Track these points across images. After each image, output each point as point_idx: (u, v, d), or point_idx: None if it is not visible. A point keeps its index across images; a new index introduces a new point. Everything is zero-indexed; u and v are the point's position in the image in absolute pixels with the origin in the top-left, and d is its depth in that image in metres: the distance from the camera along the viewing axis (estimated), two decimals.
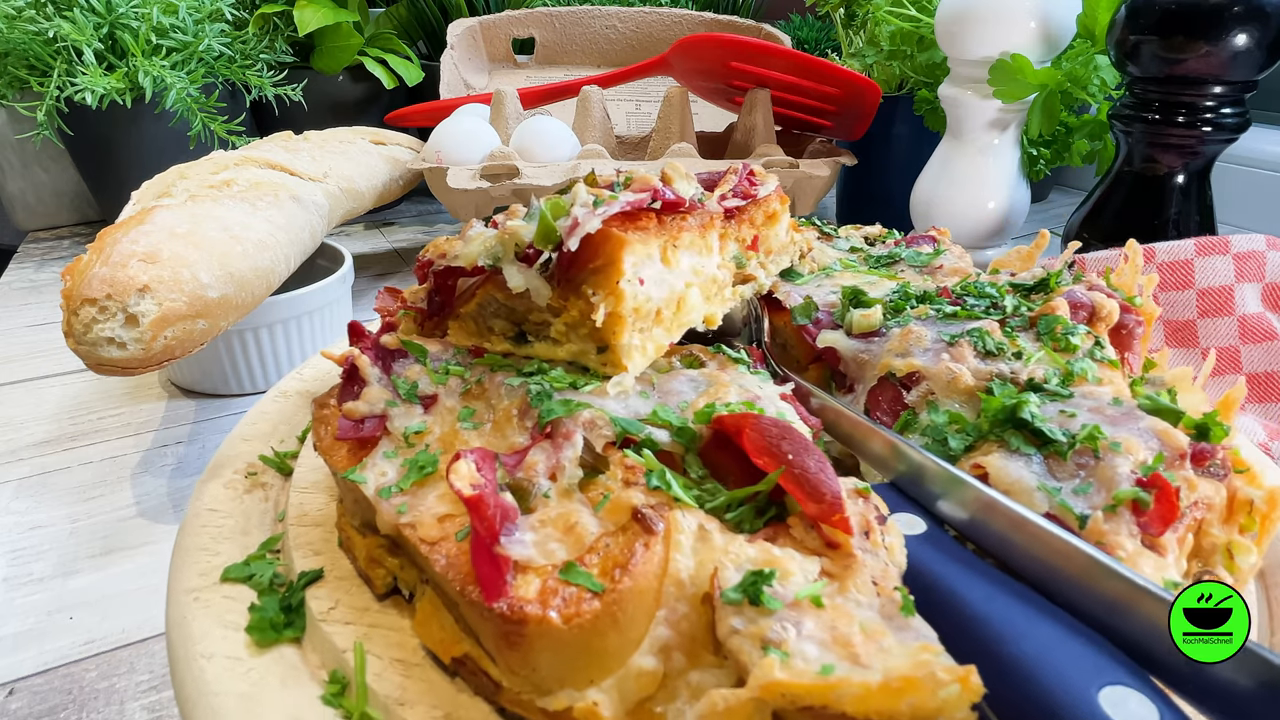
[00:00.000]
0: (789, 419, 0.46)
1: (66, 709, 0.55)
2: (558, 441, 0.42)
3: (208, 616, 0.45)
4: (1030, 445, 0.46)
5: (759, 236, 0.65)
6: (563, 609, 0.34)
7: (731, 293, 0.62)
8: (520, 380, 0.48)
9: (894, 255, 0.73)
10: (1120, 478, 0.42)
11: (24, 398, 0.94)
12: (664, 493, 0.40)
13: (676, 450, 0.44)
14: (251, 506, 0.55)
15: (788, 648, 0.33)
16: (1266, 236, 0.82)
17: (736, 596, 0.35)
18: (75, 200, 1.52)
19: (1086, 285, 0.59)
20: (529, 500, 0.40)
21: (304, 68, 1.51)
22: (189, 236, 0.75)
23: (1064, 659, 0.33)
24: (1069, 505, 0.42)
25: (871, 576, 0.37)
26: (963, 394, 0.51)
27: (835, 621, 0.35)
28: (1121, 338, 0.56)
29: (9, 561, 0.68)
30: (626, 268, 0.47)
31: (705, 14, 1.58)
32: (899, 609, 0.35)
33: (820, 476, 0.39)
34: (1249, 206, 1.36)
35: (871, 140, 1.28)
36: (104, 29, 1.19)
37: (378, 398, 0.49)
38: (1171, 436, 0.44)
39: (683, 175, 0.57)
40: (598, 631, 0.35)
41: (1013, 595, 0.37)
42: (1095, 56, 1.03)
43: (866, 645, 0.33)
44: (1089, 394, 0.49)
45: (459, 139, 1.17)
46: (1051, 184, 1.76)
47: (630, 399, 0.47)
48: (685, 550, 0.37)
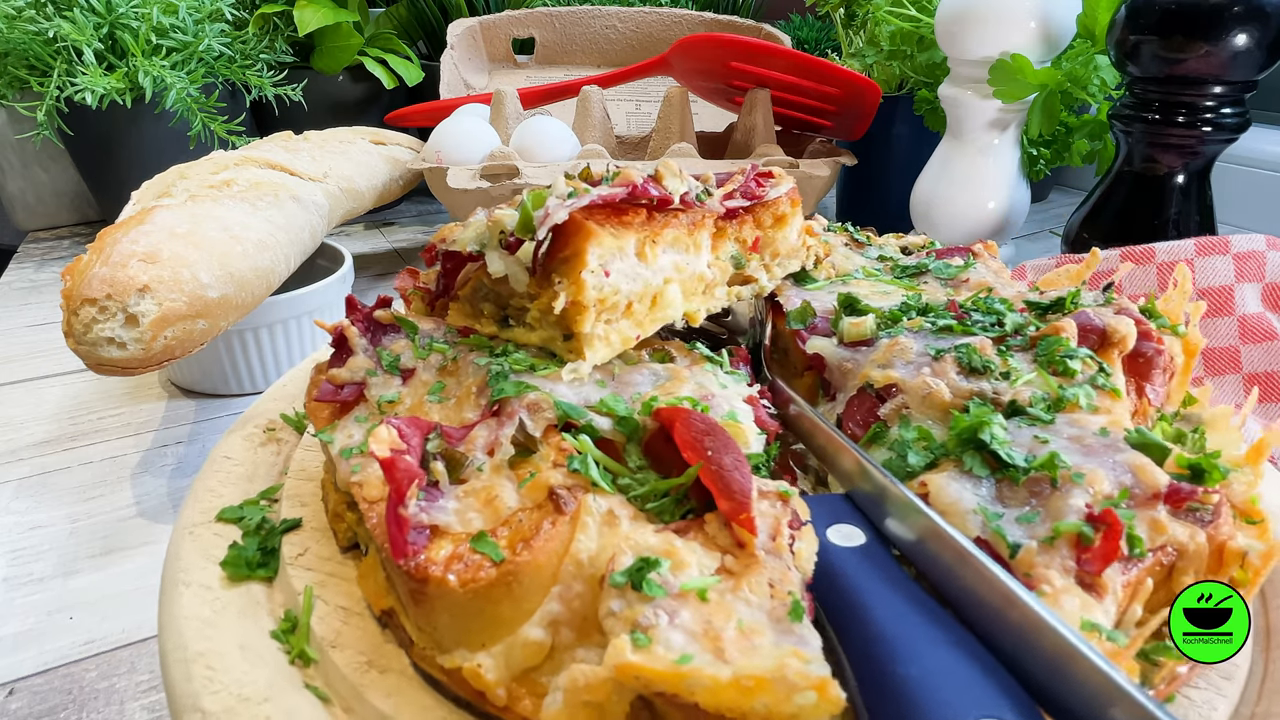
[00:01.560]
0: (740, 420, 0.47)
1: (66, 709, 0.55)
2: (501, 419, 0.45)
3: (195, 549, 0.49)
4: (985, 468, 0.44)
5: (762, 238, 0.65)
6: (461, 573, 0.37)
7: (727, 293, 0.62)
8: (487, 360, 0.51)
9: (921, 266, 0.70)
10: (1069, 510, 0.40)
11: (24, 398, 0.94)
12: (582, 476, 0.41)
13: (617, 439, 0.45)
14: (262, 458, 0.59)
15: (654, 634, 0.34)
16: (1266, 236, 0.82)
17: (621, 580, 0.36)
18: (75, 200, 1.52)
19: (1116, 308, 0.55)
20: (462, 471, 0.42)
21: (304, 68, 1.51)
22: (189, 236, 0.75)
23: (948, 686, 0.32)
24: (1003, 532, 0.40)
25: (770, 579, 0.37)
26: (938, 410, 0.49)
27: (712, 616, 0.35)
28: (1138, 366, 0.52)
29: (9, 561, 0.68)
30: (590, 259, 0.48)
31: (705, 14, 1.58)
32: (787, 613, 0.35)
33: (733, 474, 0.40)
34: (1249, 206, 1.36)
35: (871, 140, 1.28)
36: (104, 29, 1.19)
37: (359, 366, 0.52)
38: (1146, 473, 0.41)
39: (674, 173, 0.57)
40: (491, 599, 0.37)
41: (925, 617, 0.36)
42: (1095, 56, 1.03)
43: (738, 642, 0.34)
44: (1076, 421, 0.46)
45: (459, 139, 1.17)
46: (1051, 184, 1.76)
47: (585, 386, 0.49)
48: (590, 533, 0.39)
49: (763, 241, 0.65)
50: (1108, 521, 0.38)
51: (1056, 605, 0.36)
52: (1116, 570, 0.38)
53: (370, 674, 0.41)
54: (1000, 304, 0.58)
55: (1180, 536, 0.39)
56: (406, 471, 0.39)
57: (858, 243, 0.78)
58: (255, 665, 0.41)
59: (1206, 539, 0.40)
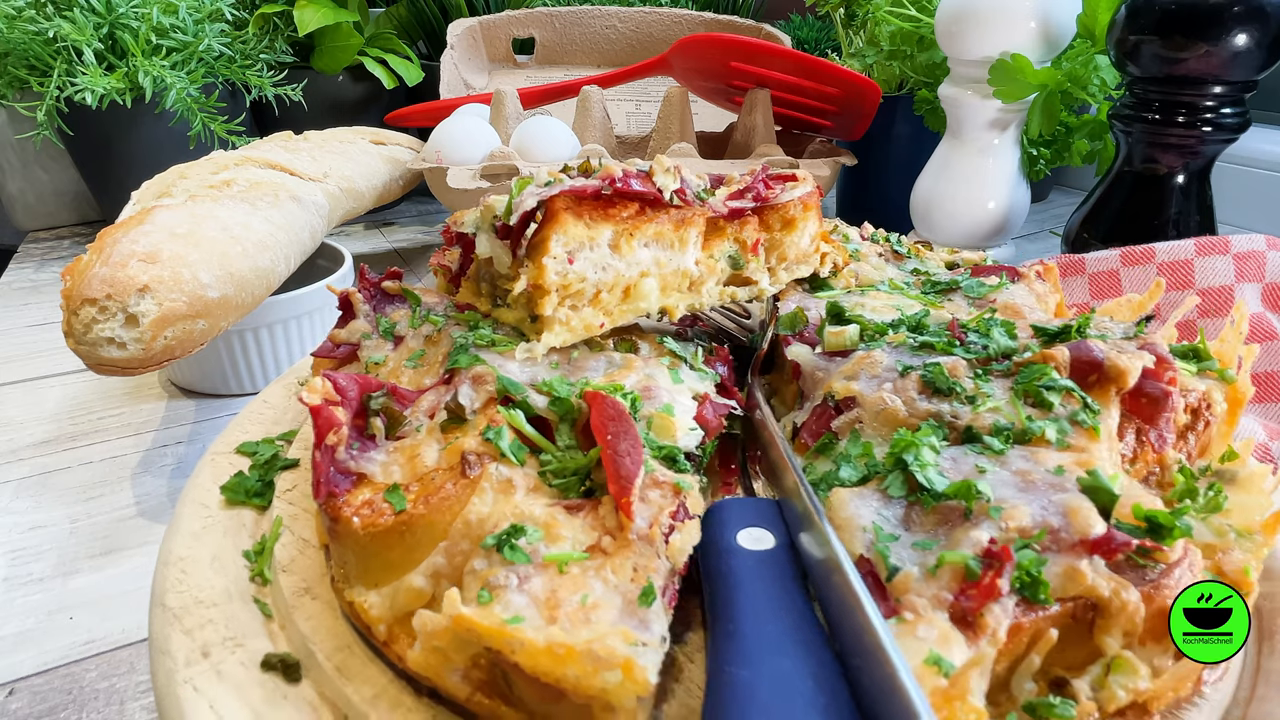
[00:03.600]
0: (675, 414, 0.49)
1: (66, 709, 0.55)
2: (450, 387, 0.48)
3: (210, 473, 0.56)
4: (904, 489, 0.43)
5: (769, 241, 0.64)
6: (365, 517, 0.41)
7: (720, 293, 0.62)
8: (460, 334, 0.54)
9: (953, 283, 0.67)
10: (969, 541, 0.38)
11: (24, 398, 0.94)
12: (493, 445, 0.44)
13: (551, 417, 0.47)
14: (292, 405, 0.66)
15: (499, 594, 0.36)
16: (1266, 236, 0.82)
17: (491, 543, 0.39)
18: (75, 200, 1.52)
19: (1140, 343, 0.51)
20: (400, 429, 0.47)
21: (304, 68, 1.51)
22: (189, 236, 0.75)
23: (769, 692, 0.33)
24: (886, 553, 0.39)
25: (636, 563, 0.38)
26: (891, 427, 0.48)
27: (561, 587, 0.37)
28: (1141, 406, 0.47)
29: (9, 561, 0.68)
30: (553, 245, 0.51)
31: (705, 14, 1.57)
32: (638, 596, 0.37)
33: (623, 460, 0.42)
34: (1249, 206, 1.36)
35: (871, 140, 1.28)
36: (104, 29, 1.19)
37: (357, 329, 0.58)
38: (1079, 517, 0.38)
39: (665, 169, 0.58)
40: (386, 544, 0.41)
41: (785, 625, 0.37)
42: (1095, 56, 1.03)
43: (575, 614, 0.36)
44: (1033, 455, 0.43)
45: (459, 139, 1.17)
46: (1051, 184, 1.76)
47: (538, 366, 0.52)
48: (486, 498, 0.41)
49: (769, 244, 0.65)
50: (998, 559, 0.36)
51: (910, 634, 0.35)
52: (1003, 612, 0.35)
53: (304, 599, 0.46)
54: (1000, 326, 0.55)
55: (1101, 590, 0.36)
56: (328, 420, 0.43)
57: (897, 254, 0.75)
58: (219, 575, 0.48)
59: (1141, 598, 0.36)
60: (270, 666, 0.42)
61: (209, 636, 0.44)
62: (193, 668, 0.42)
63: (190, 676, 0.41)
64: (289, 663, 0.42)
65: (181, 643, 0.43)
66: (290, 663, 0.42)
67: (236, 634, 0.44)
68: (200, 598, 0.46)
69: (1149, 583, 0.37)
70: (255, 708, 0.40)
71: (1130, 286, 0.85)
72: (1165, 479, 0.46)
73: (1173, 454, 0.47)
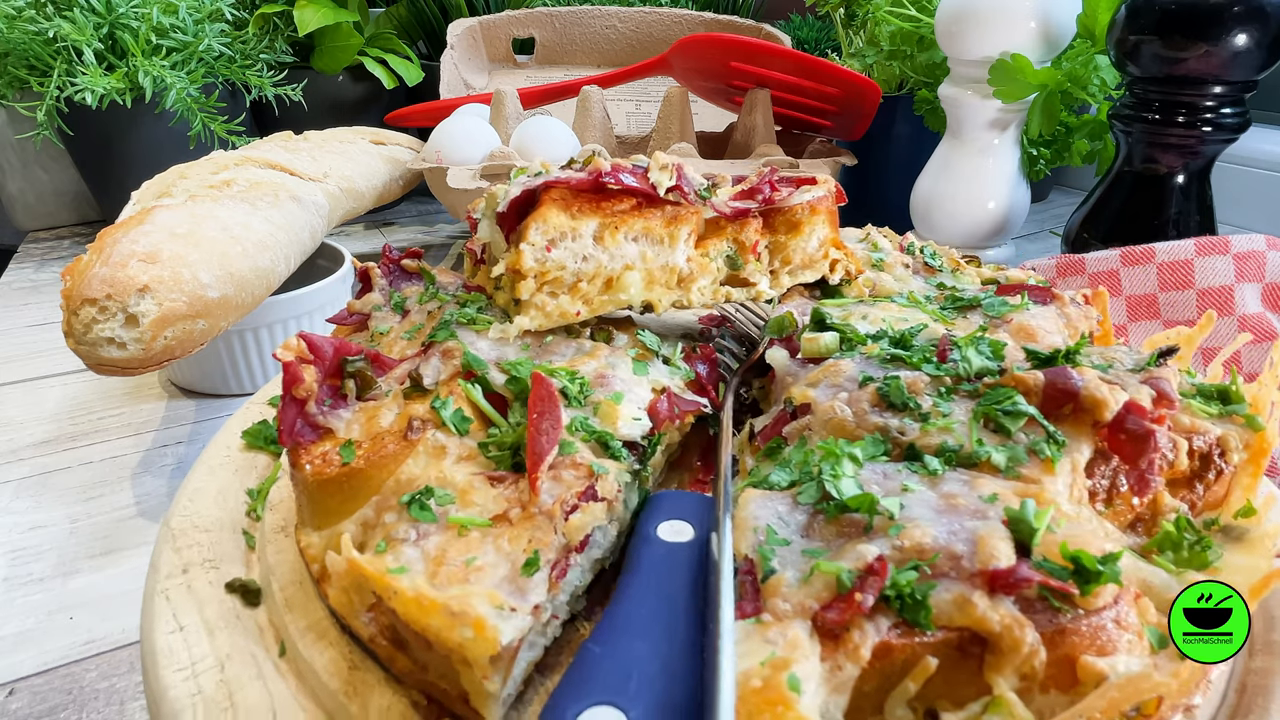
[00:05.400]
0: (621, 403, 0.51)
1: (66, 709, 0.55)
2: (424, 358, 0.52)
3: (241, 420, 0.63)
4: (814, 496, 0.43)
5: (772, 243, 0.64)
6: (315, 467, 0.44)
7: (714, 292, 0.62)
8: (451, 311, 0.58)
9: (975, 300, 0.64)
10: (856, 555, 0.37)
11: (24, 398, 0.94)
12: (436, 414, 0.47)
13: (507, 394, 0.50)
14: None
15: (396, 547, 0.40)
16: (1266, 236, 0.82)
17: (405, 499, 0.42)
18: (75, 200, 1.52)
19: (1144, 376, 0.47)
20: (371, 391, 0.50)
21: (304, 68, 1.51)
22: (189, 236, 0.75)
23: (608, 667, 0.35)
24: (768, 556, 0.39)
25: (533, 536, 0.41)
26: (837, 436, 0.47)
27: (452, 547, 0.40)
28: (1121, 444, 0.43)
29: (9, 561, 0.68)
30: (531, 233, 0.54)
31: (705, 14, 1.57)
32: (522, 566, 0.39)
33: (539, 438, 0.45)
34: (1249, 206, 1.36)
35: (871, 140, 1.28)
36: (104, 29, 1.19)
37: (370, 301, 0.62)
38: (986, 546, 0.36)
39: (661, 166, 0.58)
40: (328, 492, 0.44)
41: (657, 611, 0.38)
42: (1095, 56, 1.03)
43: (455, 573, 0.38)
44: (971, 481, 0.42)
45: (459, 139, 1.17)
46: (1051, 184, 1.76)
47: (509, 346, 0.55)
48: (419, 460, 0.45)
49: (773, 247, 0.65)
50: (871, 574, 0.35)
51: (761, 636, 0.35)
52: (874, 630, 0.34)
53: (279, 536, 0.50)
54: (987, 346, 0.52)
55: (990, 623, 0.34)
56: (294, 375, 0.46)
57: (929, 268, 0.72)
58: (218, 508, 0.54)
59: (1043, 640, 0.34)
60: (233, 589, 0.48)
61: (192, 557, 0.50)
62: (170, 580, 0.48)
63: (166, 588, 0.47)
64: (250, 589, 0.48)
65: (169, 559, 0.49)
66: (251, 589, 0.48)
67: (216, 557, 0.50)
68: (198, 524, 0.52)
69: (1054, 626, 0.34)
70: (210, 622, 0.45)
71: (1130, 287, 0.85)
72: (1155, 526, 0.43)
73: (1171, 501, 0.43)
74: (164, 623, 0.45)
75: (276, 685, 0.41)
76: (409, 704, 0.39)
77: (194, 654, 0.43)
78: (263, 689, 0.41)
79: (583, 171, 0.57)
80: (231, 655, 0.43)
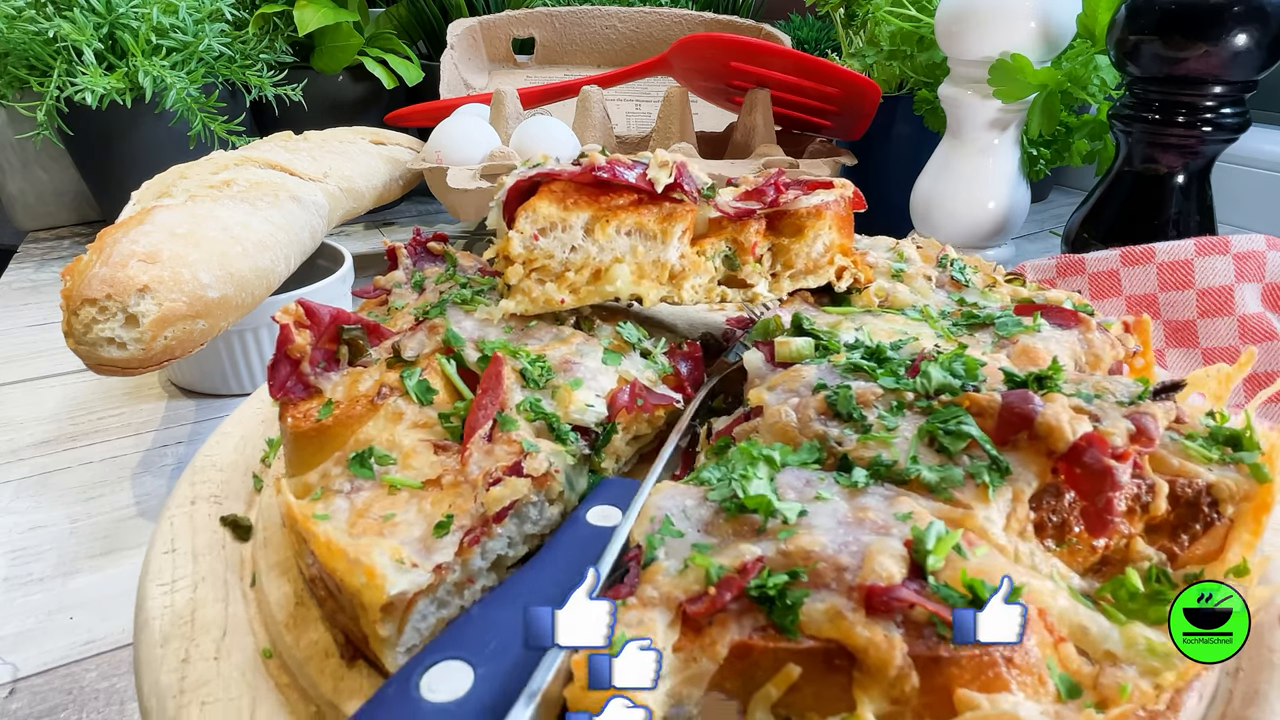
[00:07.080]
0: (577, 389, 0.53)
1: (66, 709, 0.55)
2: (413, 332, 0.56)
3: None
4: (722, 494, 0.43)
5: (775, 246, 0.64)
6: (295, 420, 0.49)
7: (710, 291, 0.62)
8: (452, 292, 0.62)
9: (989, 318, 0.62)
10: (736, 553, 0.37)
11: (24, 398, 0.94)
12: (402, 383, 0.51)
13: (479, 371, 0.53)
14: None
15: (329, 497, 0.45)
16: (1266, 236, 0.83)
17: (351, 458, 0.47)
18: (75, 200, 1.52)
19: (1131, 411, 0.43)
20: (362, 356, 0.55)
21: (304, 68, 1.51)
22: (189, 236, 0.75)
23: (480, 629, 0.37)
24: (654, 543, 0.39)
25: (453, 502, 0.44)
26: (781, 440, 0.48)
27: (378, 503, 0.44)
28: (1077, 479, 0.40)
29: (9, 561, 0.68)
30: (521, 222, 0.57)
31: (705, 14, 1.57)
32: (434, 526, 0.43)
33: (476, 413, 0.49)
34: (1249, 206, 1.36)
35: (871, 140, 1.28)
36: (104, 29, 1.19)
37: (392, 279, 0.67)
38: (871, 562, 0.35)
39: (661, 164, 0.59)
40: (302, 445, 0.49)
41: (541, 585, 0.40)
42: (1095, 56, 1.03)
43: (372, 525, 0.42)
44: (892, 497, 0.41)
45: (459, 139, 1.17)
46: (1051, 184, 1.76)
47: (491, 327, 0.58)
48: (379, 424, 0.49)
49: (776, 249, 0.64)
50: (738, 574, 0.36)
51: (619, 620, 0.35)
52: (734, 629, 0.35)
53: (279, 482, 0.53)
54: (961, 364, 0.50)
55: (858, 638, 0.33)
56: (287, 336, 0.51)
57: (955, 282, 0.69)
58: (237, 453, 0.60)
59: (914, 661, 0.33)
60: (226, 523, 0.53)
61: (201, 491, 0.56)
62: (179, 508, 0.54)
63: (174, 515, 0.54)
64: (241, 524, 0.53)
65: (184, 490, 0.56)
66: (243, 525, 0.53)
67: (222, 494, 0.56)
68: (215, 463, 0.59)
69: (932, 653, 0.33)
70: (197, 548, 0.51)
71: (1130, 287, 0.85)
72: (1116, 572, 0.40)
73: (1145, 549, 0.40)
74: (162, 543, 0.51)
75: (237, 609, 0.47)
76: (333, 641, 0.43)
77: (177, 573, 0.49)
78: (222, 610, 0.46)
79: (577, 165, 0.59)
80: (206, 578, 0.49)
